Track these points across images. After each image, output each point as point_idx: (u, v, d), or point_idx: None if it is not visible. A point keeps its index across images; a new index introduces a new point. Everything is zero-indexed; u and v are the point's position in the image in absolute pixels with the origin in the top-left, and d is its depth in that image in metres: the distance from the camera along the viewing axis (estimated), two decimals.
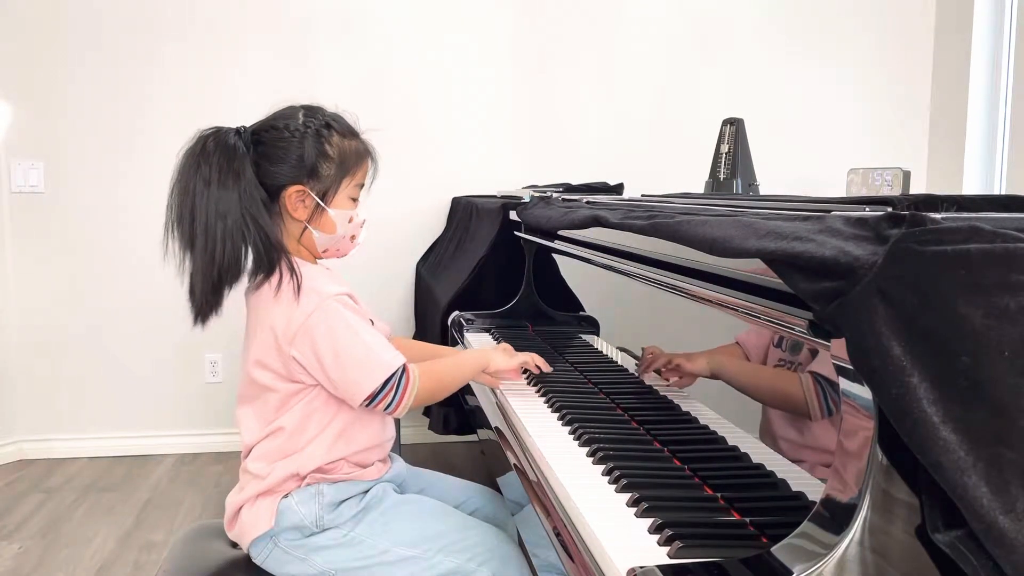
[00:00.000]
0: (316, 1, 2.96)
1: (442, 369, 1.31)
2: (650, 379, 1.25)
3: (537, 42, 3.10)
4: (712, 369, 1.07)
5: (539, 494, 1.03)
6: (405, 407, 1.21)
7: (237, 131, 1.20)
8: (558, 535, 0.91)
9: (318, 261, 1.29)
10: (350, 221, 1.26)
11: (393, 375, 1.18)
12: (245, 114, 1.27)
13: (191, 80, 2.91)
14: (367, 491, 1.24)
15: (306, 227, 1.23)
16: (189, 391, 3.02)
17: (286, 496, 1.19)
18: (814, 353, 0.80)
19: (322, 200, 1.22)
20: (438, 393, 1.29)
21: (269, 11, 2.94)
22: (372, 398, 1.18)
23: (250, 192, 1.16)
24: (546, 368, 1.42)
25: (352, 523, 1.20)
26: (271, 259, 1.17)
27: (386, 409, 1.20)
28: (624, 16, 3.13)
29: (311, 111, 1.24)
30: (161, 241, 1.17)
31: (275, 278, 1.17)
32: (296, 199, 1.21)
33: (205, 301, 1.17)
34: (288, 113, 1.23)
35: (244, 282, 1.22)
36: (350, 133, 1.26)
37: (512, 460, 1.21)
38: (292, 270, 1.18)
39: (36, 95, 2.85)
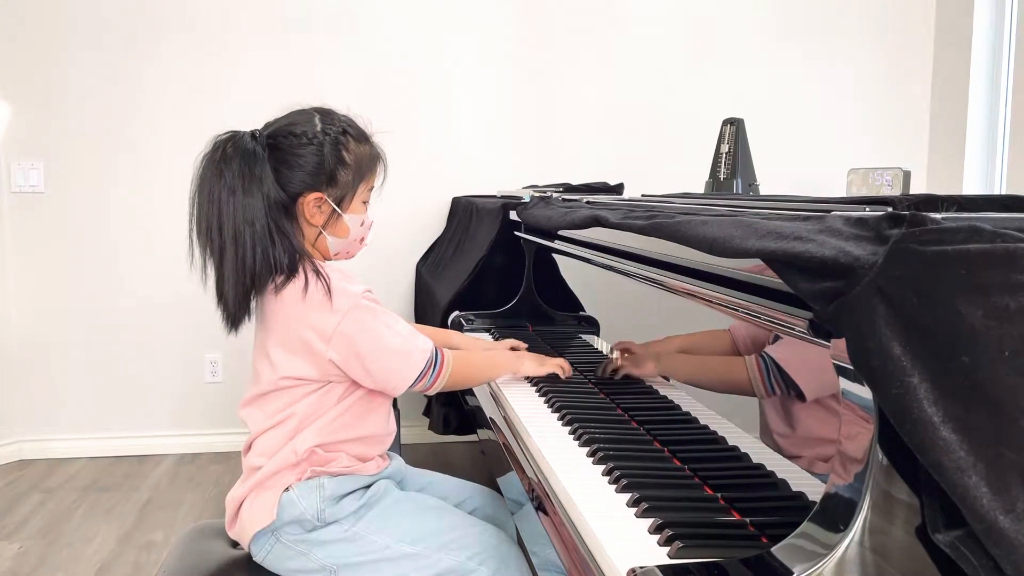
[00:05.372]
0: (316, 1, 2.96)
1: (477, 360, 1.42)
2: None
3: (537, 42, 3.10)
4: (660, 371, 1.17)
5: (539, 494, 1.03)
6: (439, 386, 1.27)
7: (253, 135, 1.19)
8: (558, 535, 0.91)
9: (327, 263, 1.29)
10: (361, 224, 1.27)
11: (429, 358, 1.24)
12: (245, 114, 1.26)
13: (191, 79, 2.91)
14: (368, 487, 1.24)
15: (320, 232, 1.24)
16: (189, 391, 3.02)
17: (287, 490, 1.19)
18: None
19: (338, 206, 1.22)
20: (469, 380, 1.38)
21: (269, 11, 2.94)
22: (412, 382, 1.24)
23: (274, 197, 1.16)
24: (569, 372, 1.48)
25: (354, 518, 1.20)
26: (294, 263, 1.17)
27: (424, 389, 1.26)
28: (624, 16, 3.13)
29: (327, 116, 1.23)
30: (186, 251, 1.17)
31: (299, 281, 1.17)
32: (314, 206, 1.21)
33: (239, 308, 1.18)
34: (304, 119, 1.22)
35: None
36: (364, 137, 1.26)
37: (512, 460, 1.21)
38: (318, 272, 1.18)
39: (36, 95, 2.85)
